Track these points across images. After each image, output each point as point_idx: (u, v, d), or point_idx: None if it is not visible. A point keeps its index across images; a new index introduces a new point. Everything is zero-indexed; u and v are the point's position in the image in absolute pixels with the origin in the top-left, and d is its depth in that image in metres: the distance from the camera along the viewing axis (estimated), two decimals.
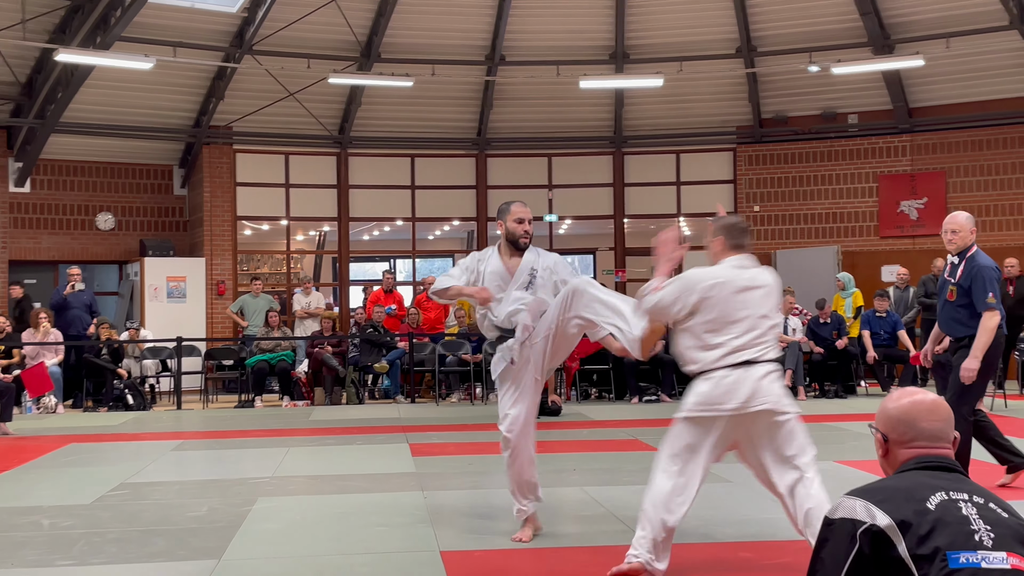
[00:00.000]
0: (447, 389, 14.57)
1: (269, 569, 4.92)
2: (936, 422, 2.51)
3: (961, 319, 6.47)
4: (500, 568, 4.81)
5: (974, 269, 6.37)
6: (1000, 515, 2.33)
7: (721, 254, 4.78)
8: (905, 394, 2.58)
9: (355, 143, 18.04)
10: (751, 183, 17.93)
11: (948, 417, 2.54)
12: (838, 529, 2.36)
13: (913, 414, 2.53)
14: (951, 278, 6.50)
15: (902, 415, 2.54)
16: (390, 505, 6.47)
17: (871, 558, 2.28)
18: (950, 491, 2.35)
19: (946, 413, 2.54)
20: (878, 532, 2.28)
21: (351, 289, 18.90)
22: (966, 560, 2.22)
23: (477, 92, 17.96)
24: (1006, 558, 2.23)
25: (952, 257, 6.56)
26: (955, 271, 6.47)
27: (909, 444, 2.51)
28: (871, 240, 17.30)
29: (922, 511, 2.29)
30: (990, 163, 16.61)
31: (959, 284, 6.41)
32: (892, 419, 2.55)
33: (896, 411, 2.56)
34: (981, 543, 2.25)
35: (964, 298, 6.40)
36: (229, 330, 16.64)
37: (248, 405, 13.93)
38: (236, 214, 17.53)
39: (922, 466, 2.46)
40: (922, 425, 2.51)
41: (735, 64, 17.46)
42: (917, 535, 2.26)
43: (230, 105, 17.02)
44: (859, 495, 2.38)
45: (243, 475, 7.85)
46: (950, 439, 2.52)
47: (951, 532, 2.26)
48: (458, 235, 20.94)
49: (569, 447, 9.24)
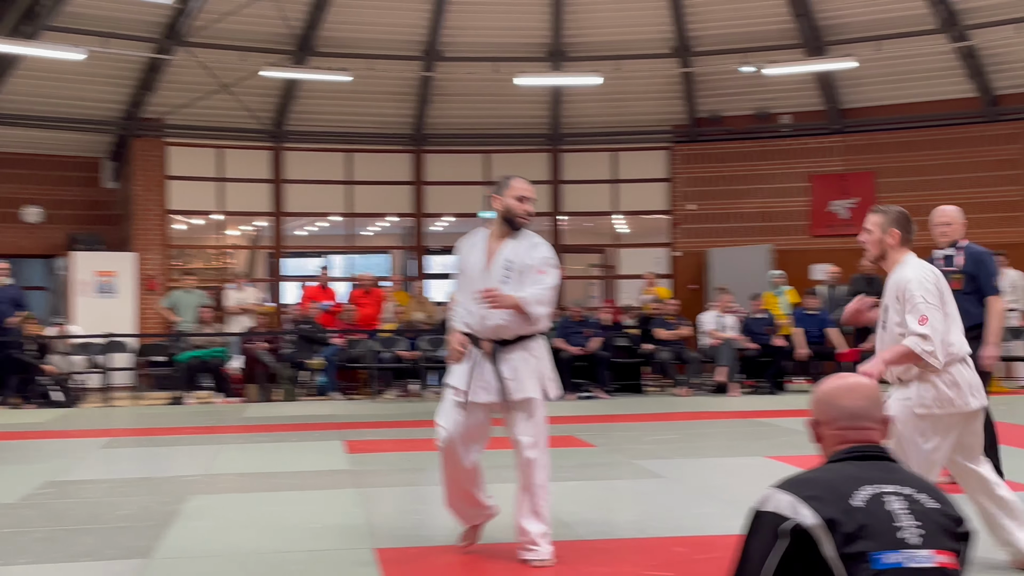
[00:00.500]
0: (383, 385, 14.50)
1: (200, 568, 4.85)
2: (857, 400, 2.53)
3: (969, 307, 6.30)
4: (435, 565, 4.79)
5: (977, 255, 6.49)
6: (929, 507, 2.33)
7: (898, 248, 4.63)
8: (833, 377, 2.62)
9: (290, 137, 17.87)
10: (686, 182, 18.09)
11: (871, 396, 2.54)
12: (765, 523, 2.36)
13: (834, 394, 2.56)
14: (951, 267, 6.49)
15: (824, 395, 2.58)
16: (324, 503, 6.42)
17: (796, 555, 2.29)
18: (879, 484, 2.35)
19: (869, 392, 2.55)
20: (803, 531, 2.29)
21: (286, 285, 18.72)
22: (890, 560, 2.23)
23: (415, 88, 17.89)
24: (932, 556, 2.24)
25: (945, 251, 6.60)
26: (952, 261, 6.51)
27: (833, 425, 2.53)
28: (802, 239, 17.55)
29: (849, 509, 2.29)
30: (918, 164, 16.95)
31: (964, 271, 6.44)
32: (817, 401, 2.59)
33: (820, 392, 2.60)
34: (907, 542, 2.25)
35: (971, 284, 6.42)
36: (160, 326, 16.39)
37: (180, 402, 13.73)
38: (168, 208, 17.27)
39: (852, 456, 2.46)
40: (843, 403, 2.53)
41: (671, 64, 17.60)
42: (843, 534, 2.26)
43: (162, 97, 16.75)
44: (788, 488, 2.38)
45: (174, 473, 7.74)
46: (875, 418, 2.53)
47: (877, 531, 2.26)
48: (395, 231, 20.83)
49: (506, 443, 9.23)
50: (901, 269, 4.55)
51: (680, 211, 18.12)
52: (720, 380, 13.72)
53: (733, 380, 13.71)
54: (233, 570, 4.79)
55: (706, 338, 14.24)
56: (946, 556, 2.26)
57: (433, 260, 19.53)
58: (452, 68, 17.57)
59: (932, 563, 2.24)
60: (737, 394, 13.50)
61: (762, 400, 12.98)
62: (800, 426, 10.08)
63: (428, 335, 14.36)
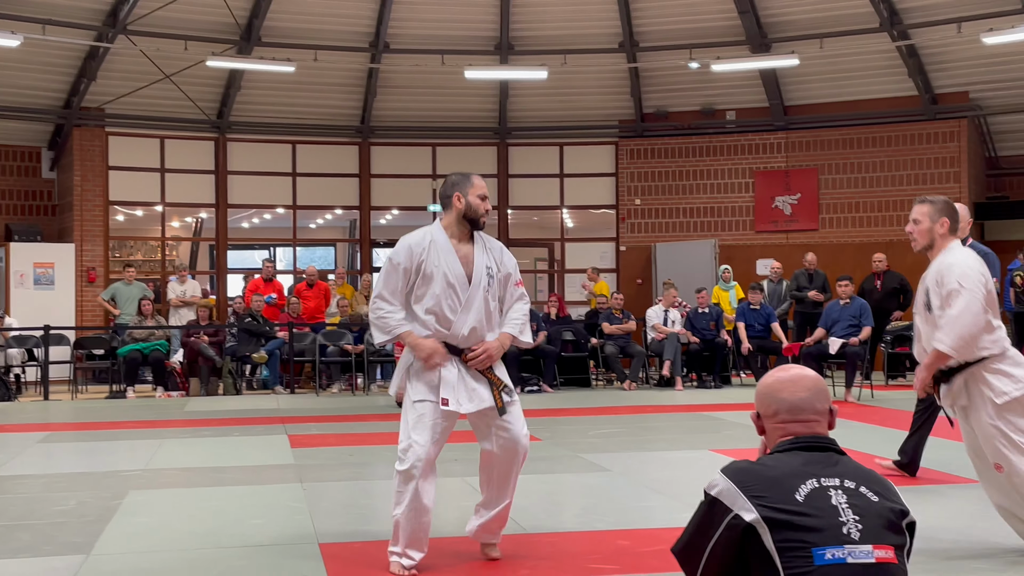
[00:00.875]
0: (328, 379, 14.40)
1: (140, 563, 4.78)
2: (798, 392, 2.52)
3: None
4: (380, 559, 4.76)
5: (980, 253, 6.60)
6: (870, 500, 2.34)
7: (947, 237, 4.74)
8: (776, 370, 2.62)
9: (234, 128, 17.67)
10: (632, 176, 18.18)
11: (813, 388, 2.53)
12: (712, 507, 2.39)
13: (775, 387, 2.56)
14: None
15: (765, 388, 2.58)
16: (267, 497, 6.36)
17: (737, 544, 2.30)
18: (822, 477, 2.36)
19: (811, 384, 2.54)
20: (744, 523, 2.30)
21: (229, 277, 18.52)
22: (831, 556, 2.24)
23: (361, 79, 17.77)
24: (871, 551, 2.26)
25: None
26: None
27: (774, 417, 2.53)
28: (747, 234, 17.73)
29: (791, 503, 2.30)
30: (860, 161, 17.19)
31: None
32: (760, 395, 2.59)
33: (762, 386, 2.60)
34: (848, 536, 2.27)
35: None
36: (100, 318, 16.13)
37: (120, 396, 13.52)
38: (108, 199, 17.00)
39: (796, 447, 2.46)
40: (783, 396, 2.52)
41: (618, 59, 17.67)
42: (785, 528, 2.27)
43: (103, 86, 16.47)
44: (734, 478, 2.39)
45: (114, 467, 7.62)
46: (817, 410, 2.52)
47: (819, 526, 2.27)
48: (340, 224, 20.71)
49: (451, 437, 9.21)
50: (945, 255, 4.70)
51: (626, 206, 18.21)
52: (666, 374, 13.81)
53: (678, 374, 13.80)
54: (175, 566, 4.72)
55: (652, 332, 14.32)
56: (885, 551, 2.28)
57: (380, 253, 19.42)
58: (399, 60, 17.49)
59: (872, 559, 2.26)
60: (681, 388, 13.60)
61: (707, 394, 13.08)
62: (745, 420, 10.18)
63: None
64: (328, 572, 4.56)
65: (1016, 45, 15.42)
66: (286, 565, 4.72)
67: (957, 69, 16.66)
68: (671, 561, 2.52)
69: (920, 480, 6.64)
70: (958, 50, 16.30)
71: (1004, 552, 4.73)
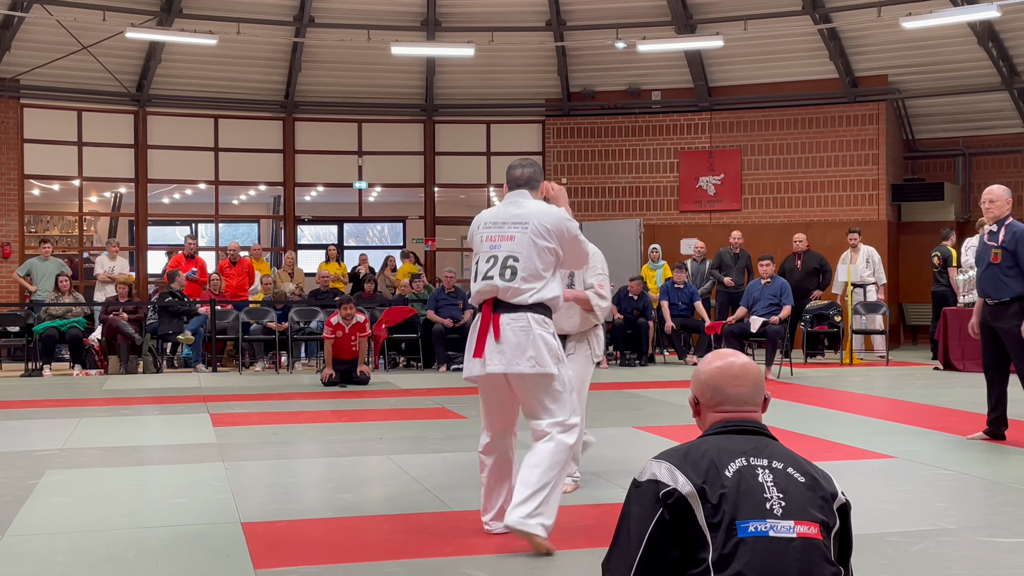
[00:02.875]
0: (251, 358, 14.25)
1: (58, 544, 4.69)
2: (742, 387, 2.57)
3: (1007, 281, 6.99)
4: (302, 538, 4.73)
5: (1018, 232, 6.99)
6: (796, 480, 2.40)
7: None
8: (717, 357, 2.64)
9: (154, 101, 17.31)
10: (559, 155, 18.23)
11: (755, 382, 2.59)
12: (644, 492, 2.40)
13: (719, 380, 2.59)
14: (992, 243, 7.10)
15: (709, 380, 2.60)
16: (189, 477, 6.28)
17: (672, 524, 2.33)
18: (751, 457, 2.41)
19: (754, 378, 2.59)
20: (680, 498, 2.34)
21: (150, 254, 18.18)
22: (754, 529, 2.30)
23: (285, 54, 17.52)
24: (793, 526, 2.32)
25: (990, 225, 7.19)
26: (996, 236, 7.09)
27: (716, 408, 2.58)
28: (671, 214, 17.90)
29: (719, 479, 2.35)
30: (781, 142, 17.45)
31: (1003, 247, 7.00)
32: (701, 383, 2.62)
33: (705, 376, 2.62)
34: (772, 511, 2.32)
35: (1010, 260, 6.98)
36: (15, 295, 15.73)
37: (36, 374, 13.22)
38: (23, 172, 16.55)
39: (728, 430, 2.51)
40: (728, 391, 2.57)
41: (545, 37, 17.67)
42: (711, 503, 2.32)
43: (17, 57, 16.00)
44: (664, 458, 2.43)
45: (29, 447, 7.45)
46: (757, 402, 2.58)
47: (744, 501, 2.32)
48: (264, 200, 20.44)
49: (376, 416, 9.20)
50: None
51: None
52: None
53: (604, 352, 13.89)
54: (93, 547, 4.64)
55: None
56: (808, 527, 2.34)
57: (304, 230, 19.23)
58: (324, 35, 17.27)
59: (793, 533, 2.31)
60: (606, 366, 13.71)
61: (631, 372, 13.21)
62: (668, 397, 10.29)
63: (297, 306, 14.15)
64: (251, 552, 4.52)
65: (934, 30, 15.77)
66: (209, 545, 4.67)
67: (877, 53, 16.98)
68: (599, 537, 2.55)
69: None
70: (878, 34, 16.60)
71: None
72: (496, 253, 4.57)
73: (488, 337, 4.53)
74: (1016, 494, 5.61)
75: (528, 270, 4.52)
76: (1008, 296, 6.97)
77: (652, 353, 14.57)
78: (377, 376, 12.65)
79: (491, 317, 4.54)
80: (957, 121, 17.51)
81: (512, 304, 4.53)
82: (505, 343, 4.49)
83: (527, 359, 4.48)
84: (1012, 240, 6.98)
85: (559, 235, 4.58)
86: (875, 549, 4.40)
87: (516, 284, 4.51)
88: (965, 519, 5.01)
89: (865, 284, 14.55)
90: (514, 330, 4.50)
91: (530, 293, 4.52)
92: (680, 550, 2.33)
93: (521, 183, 4.71)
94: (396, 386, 11.78)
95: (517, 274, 4.51)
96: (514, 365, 4.49)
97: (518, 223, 4.57)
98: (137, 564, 4.37)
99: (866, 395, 10.61)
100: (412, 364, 14.21)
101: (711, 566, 2.28)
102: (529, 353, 4.47)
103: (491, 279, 4.54)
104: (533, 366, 4.48)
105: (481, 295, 4.59)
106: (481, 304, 4.61)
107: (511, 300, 4.53)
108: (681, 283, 14.38)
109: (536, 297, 4.53)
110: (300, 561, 4.37)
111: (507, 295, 4.53)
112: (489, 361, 4.52)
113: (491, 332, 4.52)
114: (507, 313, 4.53)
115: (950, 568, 4.20)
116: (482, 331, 4.57)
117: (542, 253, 4.54)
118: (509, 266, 4.53)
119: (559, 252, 4.60)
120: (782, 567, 2.27)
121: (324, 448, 7.44)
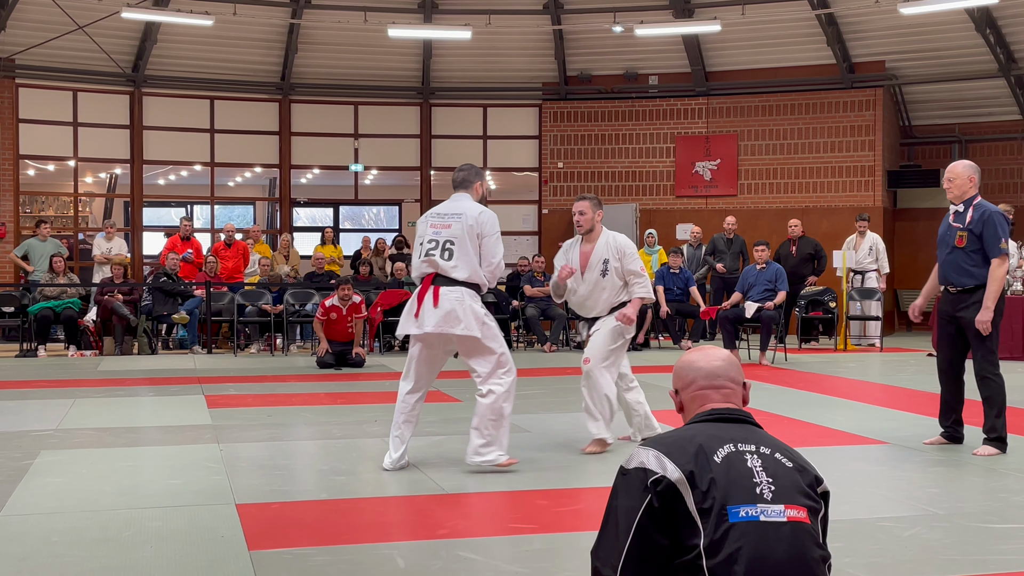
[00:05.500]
0: (246, 340, 14.24)
1: (52, 524, 4.70)
2: (713, 361, 2.61)
3: (970, 267, 6.32)
4: (297, 520, 4.75)
5: (985, 214, 6.30)
6: (784, 466, 2.42)
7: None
8: (689, 351, 2.71)
9: (150, 82, 17.25)
10: (555, 139, 18.20)
11: (727, 359, 2.62)
12: (632, 479, 2.40)
13: (689, 358, 2.65)
14: (958, 224, 6.37)
15: (681, 363, 2.68)
16: (184, 458, 6.29)
17: (661, 511, 2.34)
18: (738, 443, 2.43)
19: (724, 356, 2.63)
20: (669, 485, 2.34)
21: (145, 235, 18.15)
22: (745, 513, 2.31)
23: (281, 35, 17.46)
24: (783, 510, 2.33)
25: (956, 206, 6.44)
26: (962, 217, 6.36)
27: (692, 386, 2.60)
28: (667, 199, 17.89)
29: (708, 464, 2.36)
30: (778, 128, 17.43)
31: (969, 229, 6.29)
32: (676, 371, 2.68)
33: (678, 363, 2.69)
34: (761, 496, 2.34)
35: (975, 243, 6.28)
36: (10, 275, 15.71)
37: (31, 355, 13.22)
38: (18, 152, 16.50)
39: (713, 418, 2.52)
40: (699, 364, 2.61)
41: (542, 21, 17.62)
42: (701, 489, 2.33)
43: (12, 36, 15.94)
44: (652, 445, 2.44)
45: (24, 428, 7.46)
46: (733, 378, 2.60)
47: (734, 486, 2.33)
48: (260, 182, 20.39)
49: (371, 398, 9.21)
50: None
51: (549, 168, 18.23)
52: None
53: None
54: (88, 527, 4.65)
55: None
56: (798, 511, 2.36)
57: (299, 212, 19.19)
58: (321, 16, 17.21)
59: (783, 517, 2.33)
60: None
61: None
62: (663, 382, 10.32)
63: (293, 288, 14.14)
64: (245, 532, 4.53)
65: (931, 16, 15.74)
66: (203, 526, 4.68)
67: (874, 38, 16.95)
68: (589, 521, 2.55)
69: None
70: (875, 19, 16.57)
71: None
72: (438, 238, 5.74)
73: (426, 303, 5.64)
74: (1009, 480, 5.63)
75: (462, 253, 5.69)
76: (972, 284, 6.29)
77: (648, 338, 14.60)
78: (372, 359, 12.66)
79: (432, 288, 5.66)
80: (954, 108, 17.50)
81: (450, 278, 5.67)
82: (442, 309, 5.62)
83: (460, 325, 5.62)
84: (979, 222, 6.26)
85: (480, 231, 5.74)
86: (868, 534, 4.42)
87: (452, 263, 5.68)
88: (957, 505, 5.03)
89: (865, 271, 14.55)
90: (450, 299, 5.63)
91: (462, 271, 5.67)
92: (669, 537, 2.34)
93: (456, 184, 6.01)
94: (391, 369, 11.79)
95: (454, 255, 5.68)
96: (448, 328, 5.63)
97: (455, 215, 5.77)
98: (131, 544, 4.38)
99: (860, 381, 10.63)
100: (405, 347, 14.19)
101: (702, 551, 2.29)
102: (461, 319, 5.61)
103: (433, 257, 5.72)
104: (463, 328, 5.62)
105: (423, 269, 5.75)
106: (422, 277, 5.74)
107: (449, 275, 5.67)
108: (677, 268, 14.40)
109: (466, 275, 5.68)
110: (294, 542, 4.39)
111: (445, 270, 5.68)
112: (426, 322, 5.65)
113: (430, 299, 5.63)
114: (446, 286, 5.66)
115: (942, 554, 4.22)
116: (421, 297, 5.69)
117: (472, 240, 5.71)
118: (447, 248, 5.70)
119: (479, 243, 5.75)
120: (773, 551, 2.29)
121: (319, 430, 7.46)
